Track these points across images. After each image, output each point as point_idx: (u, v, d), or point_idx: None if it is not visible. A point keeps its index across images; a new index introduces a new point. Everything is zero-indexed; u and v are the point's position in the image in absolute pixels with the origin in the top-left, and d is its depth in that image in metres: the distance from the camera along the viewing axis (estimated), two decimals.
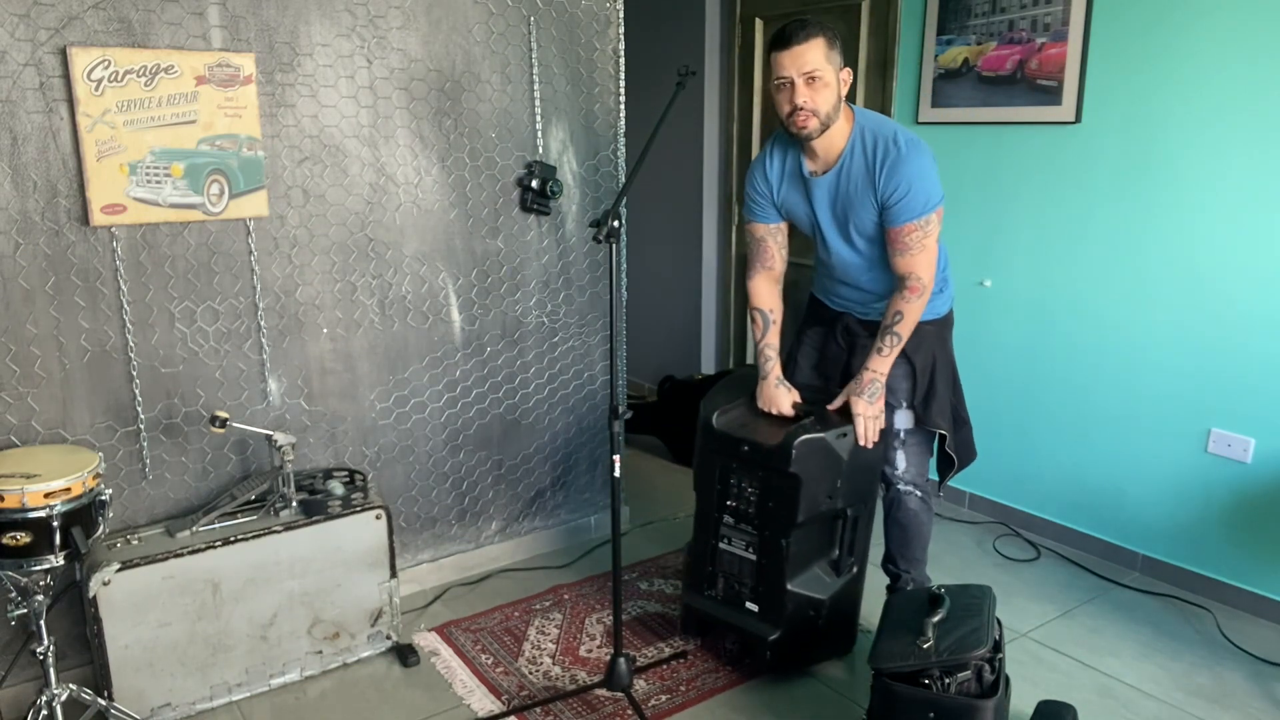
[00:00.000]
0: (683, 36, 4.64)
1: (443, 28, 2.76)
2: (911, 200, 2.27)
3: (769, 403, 2.52)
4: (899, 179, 2.26)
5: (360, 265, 2.76)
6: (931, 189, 2.29)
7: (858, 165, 2.32)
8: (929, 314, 2.50)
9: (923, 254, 2.32)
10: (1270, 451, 2.86)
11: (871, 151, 2.30)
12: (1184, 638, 2.82)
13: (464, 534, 3.17)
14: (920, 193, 2.27)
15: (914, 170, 2.26)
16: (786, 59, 2.22)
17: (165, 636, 2.35)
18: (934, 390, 2.51)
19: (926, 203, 2.28)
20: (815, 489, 2.37)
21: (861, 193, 2.33)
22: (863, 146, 2.31)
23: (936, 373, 2.51)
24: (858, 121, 2.33)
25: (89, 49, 2.23)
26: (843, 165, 2.34)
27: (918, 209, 2.28)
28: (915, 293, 2.34)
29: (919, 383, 2.50)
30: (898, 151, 2.26)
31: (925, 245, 2.32)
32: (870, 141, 2.30)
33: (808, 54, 2.20)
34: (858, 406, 2.39)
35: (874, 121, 2.34)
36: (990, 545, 3.42)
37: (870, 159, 2.30)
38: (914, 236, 2.30)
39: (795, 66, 2.22)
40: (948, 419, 2.53)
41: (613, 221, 2.15)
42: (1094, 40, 3.07)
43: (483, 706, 2.48)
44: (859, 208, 2.35)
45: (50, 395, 2.36)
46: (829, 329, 2.65)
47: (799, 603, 2.47)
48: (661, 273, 5.06)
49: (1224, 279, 2.89)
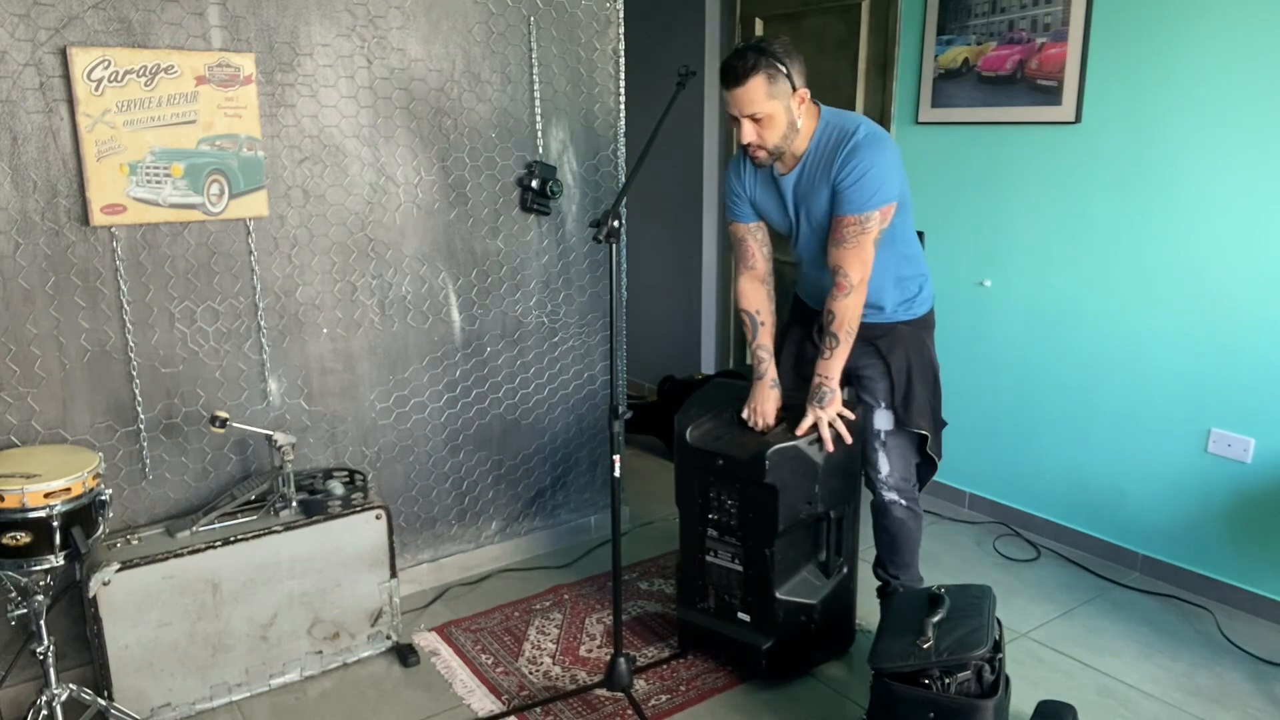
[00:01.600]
0: (683, 36, 4.64)
1: (443, 28, 2.76)
2: (858, 191, 2.25)
3: (758, 403, 2.51)
4: (850, 167, 2.25)
5: (360, 265, 2.76)
6: (882, 185, 2.26)
7: (821, 155, 2.32)
8: (906, 314, 2.50)
9: (855, 250, 2.29)
10: (1270, 451, 2.86)
11: (834, 143, 2.29)
12: (1184, 638, 2.82)
13: (464, 534, 3.17)
14: (868, 186, 2.25)
15: (866, 162, 2.24)
16: (731, 99, 2.24)
17: (165, 636, 2.35)
18: (912, 390, 2.48)
19: (871, 198, 2.25)
20: (793, 496, 2.37)
21: (820, 180, 2.33)
22: (825, 140, 2.31)
23: (914, 373, 2.49)
24: (823, 118, 2.33)
25: (89, 49, 2.23)
26: (806, 160, 2.35)
27: (861, 202, 2.26)
28: (843, 290, 2.31)
29: (896, 383, 2.48)
30: (854, 142, 2.26)
31: (860, 242, 2.28)
32: (833, 134, 2.30)
33: (747, 95, 2.20)
34: (812, 413, 2.38)
35: (838, 117, 2.34)
36: (990, 545, 3.42)
37: (829, 150, 2.30)
38: (850, 230, 2.28)
39: (738, 107, 2.23)
40: (929, 420, 2.51)
41: (613, 221, 2.15)
42: (1094, 40, 3.07)
43: (483, 706, 2.48)
44: (815, 195, 2.35)
45: (50, 395, 2.36)
46: (807, 329, 2.63)
47: (790, 609, 2.47)
48: (661, 273, 5.06)
49: (1224, 279, 2.89)
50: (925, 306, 2.55)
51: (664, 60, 4.68)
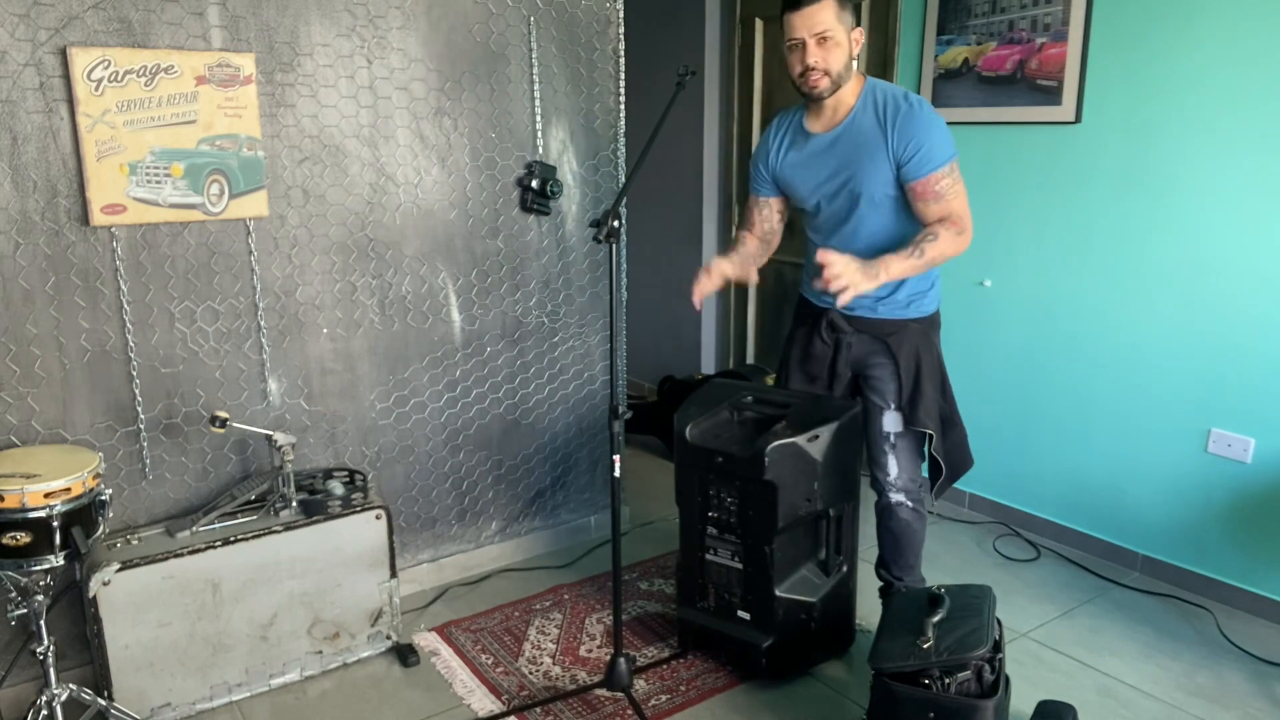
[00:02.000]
0: (683, 36, 4.64)
1: (442, 28, 2.76)
2: (932, 149, 2.29)
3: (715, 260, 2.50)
4: (913, 130, 2.29)
5: (360, 265, 2.76)
6: (946, 141, 2.32)
7: (868, 121, 2.34)
8: (915, 312, 2.49)
9: (957, 199, 2.33)
10: (1270, 451, 2.86)
11: (882, 108, 2.32)
12: (1184, 638, 2.82)
13: (464, 534, 3.17)
14: (938, 139, 2.30)
15: (926, 122, 2.29)
16: (798, 19, 2.25)
17: (165, 636, 2.35)
18: (920, 390, 2.47)
19: (945, 149, 2.31)
20: (792, 494, 2.37)
21: (872, 150, 2.34)
22: (874, 104, 2.34)
23: (922, 372, 2.48)
24: (869, 83, 2.38)
25: (89, 49, 2.23)
26: (850, 122, 2.36)
27: (941, 155, 2.30)
28: (955, 227, 2.31)
29: (904, 381, 2.47)
30: (909, 106, 2.30)
31: (958, 191, 2.33)
32: (881, 99, 2.34)
33: (819, 14, 2.23)
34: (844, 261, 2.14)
35: (884, 84, 2.38)
36: (990, 545, 3.42)
37: (881, 115, 2.32)
38: (945, 184, 2.31)
39: (806, 27, 2.24)
40: (935, 420, 2.49)
41: (613, 221, 2.15)
42: (1094, 40, 3.07)
43: (483, 706, 2.48)
44: (867, 165, 2.35)
45: (50, 395, 2.36)
46: (814, 328, 2.61)
47: (790, 607, 2.47)
48: (661, 273, 5.06)
49: (1224, 278, 2.89)
50: (935, 304, 2.55)
51: (664, 60, 4.68)
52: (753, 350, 4.68)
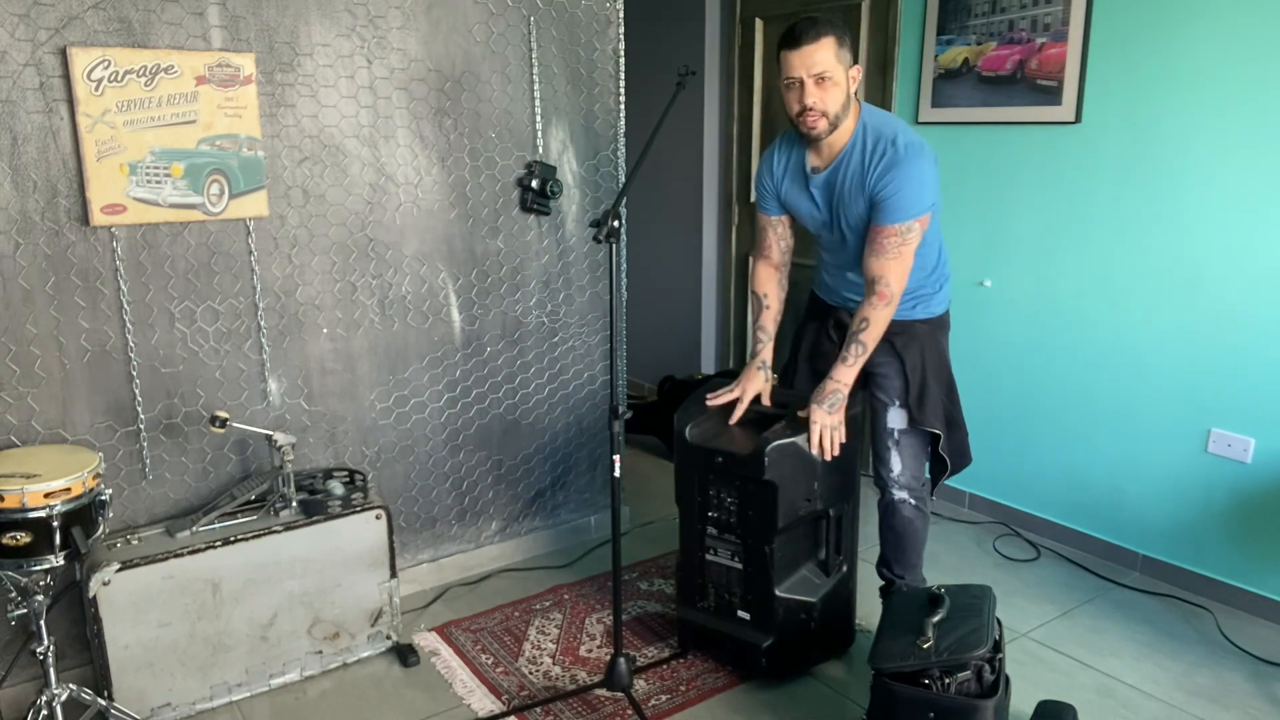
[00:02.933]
0: (683, 36, 4.64)
1: (443, 28, 2.76)
2: (897, 203, 2.26)
3: (745, 381, 2.53)
4: (889, 179, 2.26)
5: (360, 265, 2.76)
6: (920, 195, 2.28)
7: (855, 162, 2.32)
8: (924, 313, 2.50)
9: (896, 261, 2.31)
10: (1270, 451, 2.86)
11: (871, 150, 2.30)
12: (1184, 638, 2.82)
13: (464, 534, 3.17)
14: (907, 198, 2.26)
15: (906, 174, 2.25)
16: (795, 59, 2.21)
17: (165, 636, 2.35)
18: (927, 389, 2.49)
19: (910, 208, 2.27)
20: (792, 494, 2.37)
21: (855, 189, 2.34)
22: (862, 144, 2.31)
23: (928, 371, 2.49)
24: (862, 118, 2.33)
25: (89, 49, 2.23)
26: (841, 161, 2.34)
27: (901, 213, 2.27)
28: (883, 300, 2.32)
29: (911, 381, 2.48)
30: (894, 153, 2.26)
31: (901, 253, 2.30)
32: (871, 140, 2.30)
33: (817, 54, 2.20)
34: (815, 414, 2.35)
35: (878, 120, 2.34)
36: (990, 545, 3.42)
37: (867, 157, 2.30)
38: (891, 241, 2.29)
39: (804, 66, 2.21)
40: (941, 419, 2.51)
41: (613, 221, 2.15)
42: (1094, 40, 3.07)
43: (483, 706, 2.48)
44: (851, 203, 2.36)
45: (50, 395, 2.36)
46: (823, 325, 2.65)
47: (790, 607, 2.47)
48: (661, 273, 5.06)
49: (1224, 278, 2.89)
50: (943, 306, 2.56)
51: (664, 60, 4.68)
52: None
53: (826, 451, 2.36)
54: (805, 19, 2.24)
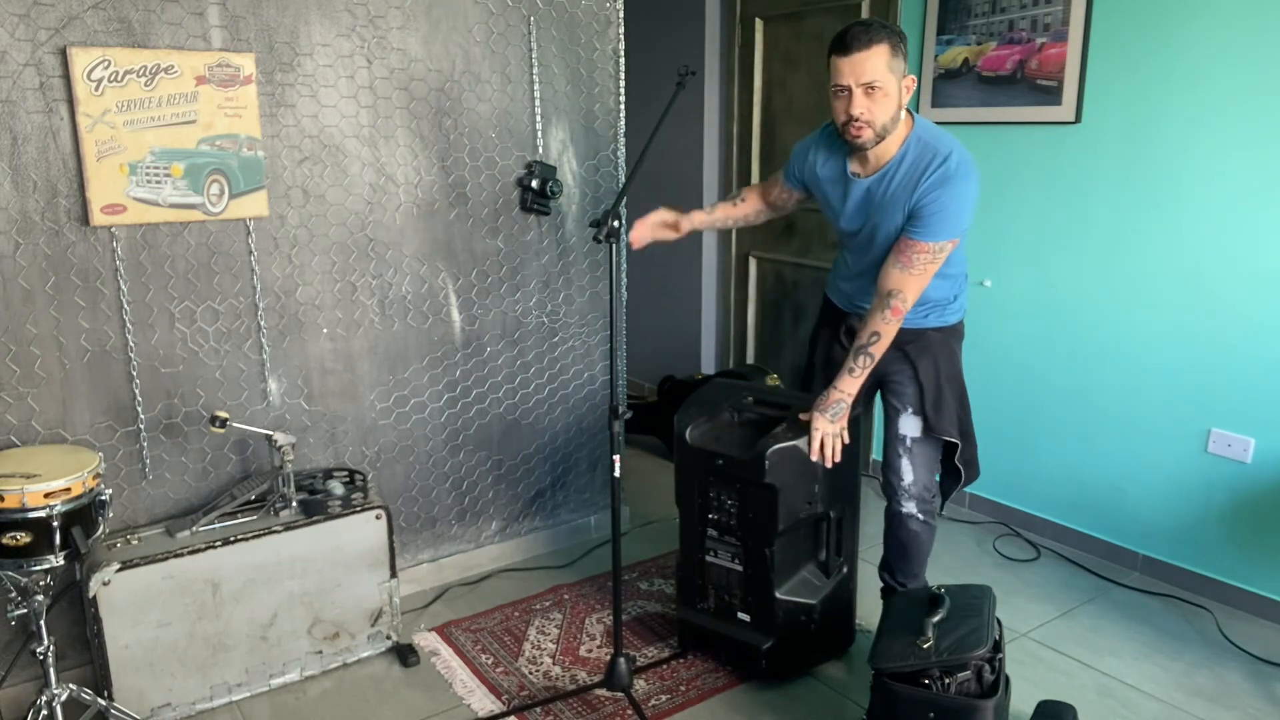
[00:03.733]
0: (683, 36, 4.64)
1: (443, 28, 2.76)
2: (939, 220, 2.19)
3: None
4: (936, 195, 2.18)
5: (360, 265, 2.76)
6: (961, 217, 2.22)
7: (904, 173, 2.23)
8: (937, 321, 2.45)
9: (919, 278, 2.25)
10: (1270, 451, 2.86)
11: (923, 162, 2.21)
12: (1184, 638, 2.82)
13: (464, 534, 3.17)
14: (950, 216, 2.20)
15: (954, 193, 2.18)
16: (845, 66, 2.12)
17: (165, 636, 2.35)
18: (942, 398, 2.43)
19: (950, 229, 2.21)
20: (793, 496, 2.37)
21: (898, 201, 2.25)
22: (914, 156, 2.23)
23: (943, 380, 2.44)
24: (915, 130, 2.25)
25: (89, 49, 2.23)
26: (888, 171, 2.26)
27: (940, 232, 2.20)
28: (897, 315, 2.26)
29: (925, 387, 2.43)
30: (946, 169, 2.18)
31: (926, 271, 2.24)
32: (923, 153, 2.22)
33: (868, 62, 2.09)
34: (816, 421, 2.31)
35: (932, 134, 2.25)
36: (990, 545, 3.42)
37: (917, 169, 2.21)
38: (922, 257, 2.23)
39: (854, 75, 2.11)
40: (957, 429, 2.46)
41: (613, 221, 2.15)
42: (1094, 40, 3.07)
43: (483, 706, 2.48)
44: (891, 212, 2.28)
45: (50, 395, 2.36)
46: (834, 333, 2.61)
47: (790, 609, 2.47)
48: (661, 273, 5.06)
49: (1224, 279, 2.89)
50: (958, 316, 2.50)
51: (664, 60, 4.68)
52: (753, 350, 4.68)
53: (828, 459, 2.34)
54: (858, 23, 2.13)
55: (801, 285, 4.34)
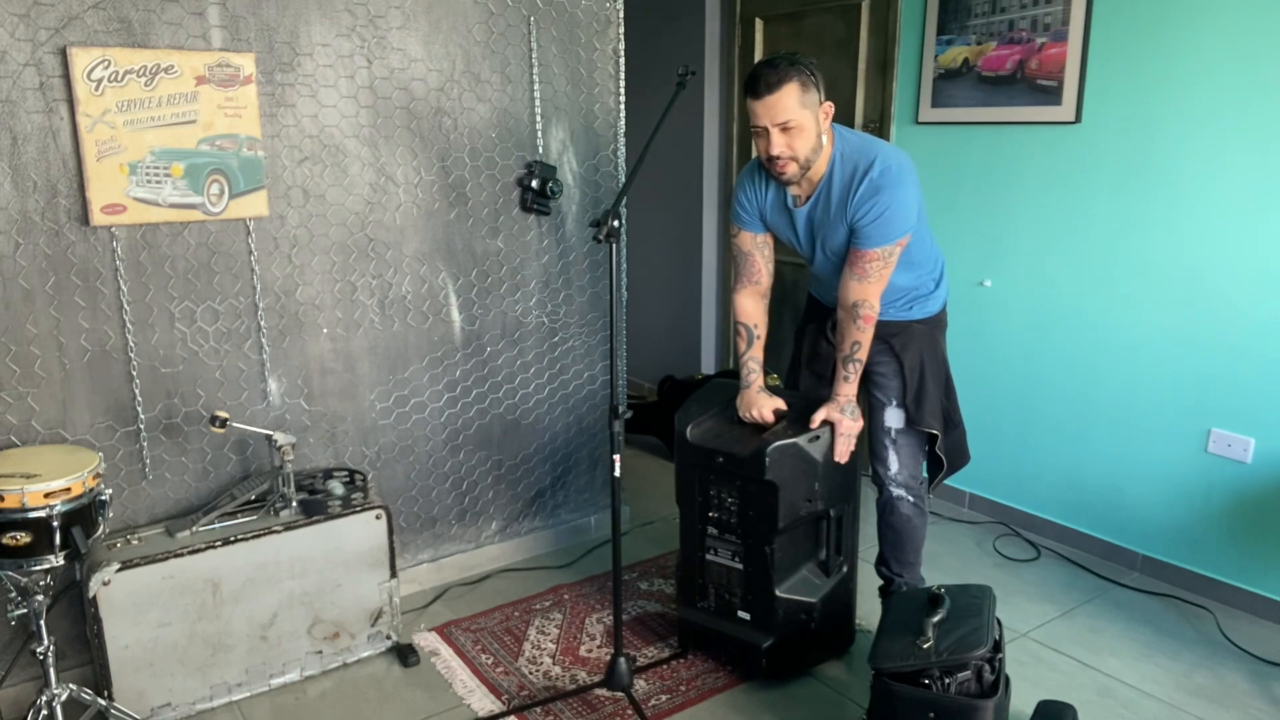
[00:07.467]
0: (683, 36, 4.64)
1: (442, 28, 2.76)
2: (877, 229, 2.26)
3: (750, 406, 2.49)
4: (868, 208, 2.24)
5: (360, 265, 2.76)
6: (900, 221, 2.26)
7: (836, 191, 2.30)
8: (920, 312, 2.51)
9: (878, 284, 2.32)
10: (1270, 451, 2.86)
11: (848, 178, 2.27)
12: (1184, 638, 2.82)
13: (464, 534, 3.17)
14: (887, 224, 2.25)
15: (885, 201, 2.23)
16: (759, 108, 2.17)
17: (165, 636, 2.35)
18: (924, 389, 2.50)
19: (891, 234, 2.27)
20: (793, 494, 2.37)
21: (836, 218, 2.33)
22: (841, 173, 2.29)
23: (926, 371, 2.50)
24: (837, 146, 2.29)
25: (89, 49, 2.23)
26: (820, 193, 2.33)
27: (882, 239, 2.27)
28: (869, 322, 2.34)
29: (909, 381, 2.49)
30: (870, 180, 2.23)
31: (882, 275, 2.31)
32: (847, 169, 2.28)
33: (780, 103, 2.15)
34: (842, 425, 2.39)
35: (854, 147, 2.29)
36: (990, 545, 3.42)
37: (846, 185, 2.28)
38: (874, 265, 2.29)
39: (769, 116, 2.17)
40: (939, 419, 2.52)
41: (613, 221, 2.15)
42: (1094, 40, 3.07)
43: (483, 706, 2.48)
44: (832, 232, 2.36)
45: (50, 395, 2.36)
46: (820, 327, 2.66)
47: (790, 608, 2.47)
48: (661, 273, 5.06)
49: (1225, 278, 2.89)
50: (939, 305, 2.56)
51: (664, 60, 4.68)
52: None
53: (846, 455, 2.41)
54: (765, 64, 2.17)
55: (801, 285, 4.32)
